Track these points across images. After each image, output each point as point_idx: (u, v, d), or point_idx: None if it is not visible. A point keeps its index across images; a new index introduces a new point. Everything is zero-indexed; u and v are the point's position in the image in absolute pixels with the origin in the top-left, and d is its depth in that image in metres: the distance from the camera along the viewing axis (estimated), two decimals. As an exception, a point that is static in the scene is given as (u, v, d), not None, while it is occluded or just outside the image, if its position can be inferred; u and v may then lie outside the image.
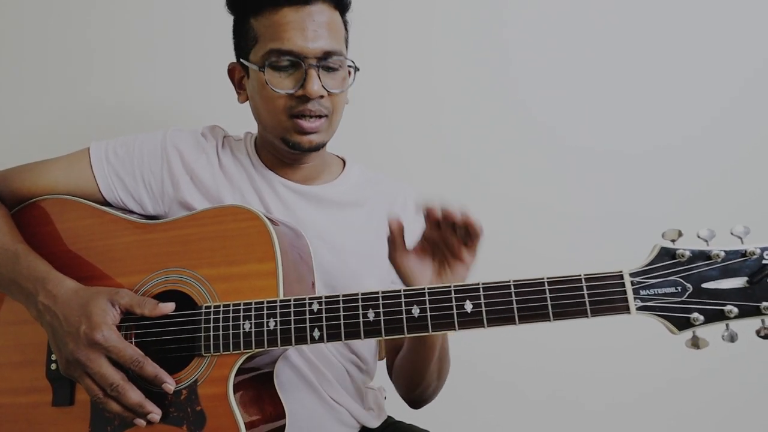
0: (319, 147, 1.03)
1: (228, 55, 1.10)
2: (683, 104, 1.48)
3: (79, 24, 1.52)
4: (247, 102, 1.07)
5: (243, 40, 1.02)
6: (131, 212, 1.03)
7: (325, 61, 0.97)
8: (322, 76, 0.97)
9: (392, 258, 0.86)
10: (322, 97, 0.98)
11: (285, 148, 1.02)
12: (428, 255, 0.86)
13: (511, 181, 1.49)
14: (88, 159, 1.04)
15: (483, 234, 0.82)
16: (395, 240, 0.85)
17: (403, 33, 1.51)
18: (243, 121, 1.10)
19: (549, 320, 0.73)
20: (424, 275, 0.86)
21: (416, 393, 1.06)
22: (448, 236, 0.83)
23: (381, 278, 1.07)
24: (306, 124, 0.98)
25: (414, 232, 1.13)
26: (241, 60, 1.03)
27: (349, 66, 1.02)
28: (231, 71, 1.08)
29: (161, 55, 1.51)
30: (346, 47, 1.05)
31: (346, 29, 1.05)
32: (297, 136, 1.00)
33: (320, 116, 0.99)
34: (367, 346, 1.09)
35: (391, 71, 1.51)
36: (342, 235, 1.05)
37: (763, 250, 0.70)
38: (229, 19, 1.06)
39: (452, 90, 1.51)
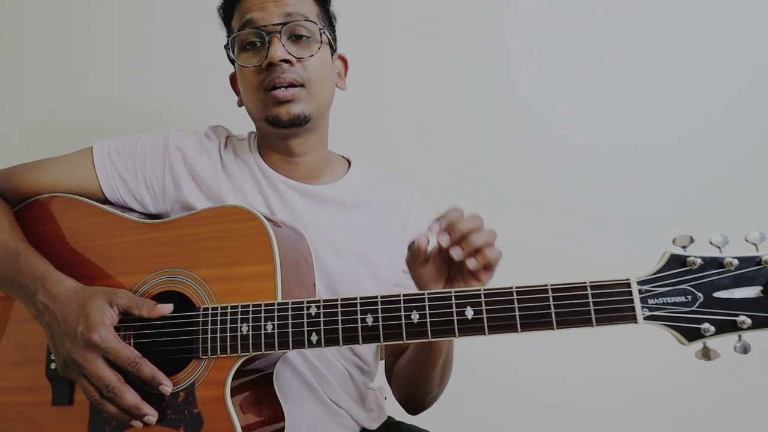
0: (300, 119, 0.99)
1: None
2: (688, 103, 1.46)
3: (80, 23, 1.53)
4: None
5: (228, 40, 1.05)
6: (133, 211, 1.03)
7: (289, 26, 0.97)
8: (289, 45, 0.98)
9: (409, 265, 0.86)
10: (289, 63, 0.97)
11: (271, 129, 1.01)
12: (444, 266, 0.85)
13: (514, 181, 1.48)
14: (90, 158, 1.03)
15: (499, 259, 0.80)
16: (418, 251, 0.83)
17: (404, 32, 1.50)
18: (244, 121, 1.09)
19: (552, 329, 0.71)
20: (437, 287, 0.85)
21: (415, 398, 1.05)
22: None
23: (382, 280, 1.06)
24: (280, 93, 0.97)
25: (420, 235, 1.12)
26: (232, 60, 1.05)
27: (320, 29, 1.00)
28: (231, 80, 1.11)
29: (162, 55, 1.51)
30: (326, 29, 1.04)
31: (325, 14, 1.06)
32: (275, 109, 0.98)
33: (295, 85, 0.97)
34: (369, 347, 1.07)
35: (393, 71, 1.49)
36: (344, 235, 1.04)
37: (779, 258, 0.67)
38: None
39: (455, 90, 1.50)
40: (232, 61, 1.05)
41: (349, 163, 1.15)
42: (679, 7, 1.46)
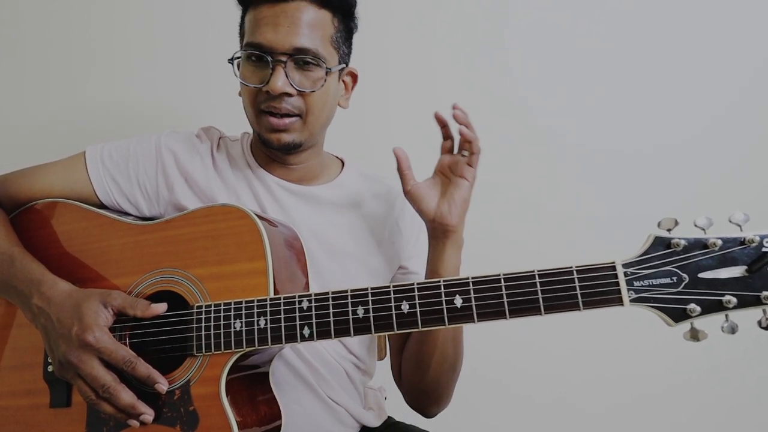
0: (290, 147, 0.99)
1: (226, 54, 1.10)
2: (684, 103, 1.46)
3: (80, 24, 1.53)
4: None
5: (239, 37, 1.04)
6: (127, 214, 1.04)
7: (297, 57, 0.94)
8: (294, 73, 0.95)
9: (404, 189, 0.97)
10: (289, 95, 0.95)
11: (263, 145, 1.02)
12: (437, 182, 0.98)
13: (511, 180, 1.48)
14: (84, 162, 1.04)
15: (479, 150, 0.95)
16: (403, 170, 0.97)
17: (403, 33, 1.51)
18: (243, 121, 1.10)
19: (540, 314, 0.71)
20: (432, 198, 0.96)
21: (429, 379, 1.00)
22: (455, 157, 0.96)
23: (378, 279, 1.06)
24: (274, 120, 0.97)
25: (416, 233, 1.13)
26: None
27: (327, 68, 0.96)
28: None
29: (161, 56, 1.52)
30: (339, 50, 1.01)
31: (342, 31, 1.01)
32: (266, 133, 0.99)
33: (291, 115, 0.97)
34: (364, 345, 1.07)
35: (392, 71, 1.50)
36: (338, 236, 1.04)
37: (762, 237, 0.68)
38: (228, 19, 1.06)
39: (451, 89, 1.50)
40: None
41: (342, 163, 1.16)
42: (679, 7, 1.47)
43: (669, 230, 0.71)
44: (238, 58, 1.00)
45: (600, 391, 1.43)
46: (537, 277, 0.72)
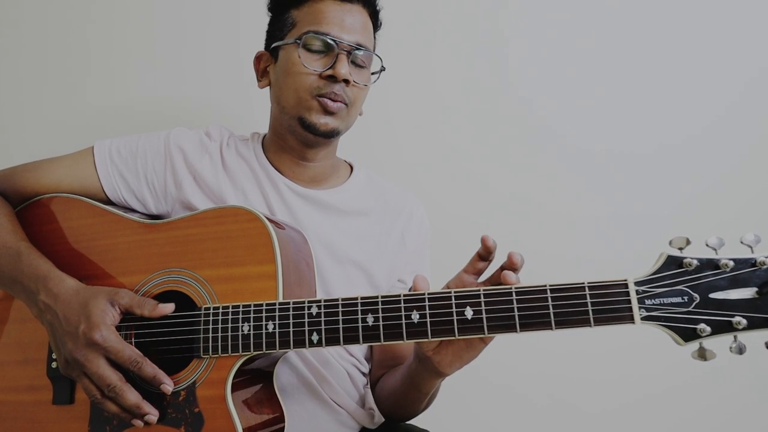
0: (333, 133, 1.02)
1: (229, 55, 1.09)
2: (688, 104, 1.47)
3: (79, 24, 1.52)
4: (256, 97, 1.07)
5: (279, 28, 1.05)
6: (134, 211, 1.03)
7: (356, 52, 1.01)
8: (350, 67, 1.01)
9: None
10: (347, 82, 1.00)
11: (300, 130, 1.02)
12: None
13: (515, 183, 1.48)
14: (91, 158, 1.04)
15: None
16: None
17: (405, 34, 1.50)
18: (243, 122, 1.10)
19: (551, 329, 0.71)
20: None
21: (398, 417, 1.06)
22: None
23: (378, 288, 1.07)
24: (330, 103, 0.99)
25: (420, 248, 1.12)
26: (275, 44, 1.05)
27: (378, 70, 1.07)
28: (257, 59, 1.11)
29: (162, 55, 1.51)
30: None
31: (374, 40, 1.10)
32: (316, 116, 1.00)
33: (343, 102, 1.01)
34: (362, 348, 1.08)
35: (391, 72, 1.49)
36: (342, 241, 1.04)
37: (773, 259, 0.68)
38: (229, 20, 1.06)
39: (456, 92, 1.50)
40: (275, 48, 1.05)
41: (351, 168, 1.16)
42: (681, 8, 1.47)
43: (681, 249, 0.71)
44: (285, 44, 1.03)
45: (601, 392, 1.43)
46: (549, 291, 0.72)
